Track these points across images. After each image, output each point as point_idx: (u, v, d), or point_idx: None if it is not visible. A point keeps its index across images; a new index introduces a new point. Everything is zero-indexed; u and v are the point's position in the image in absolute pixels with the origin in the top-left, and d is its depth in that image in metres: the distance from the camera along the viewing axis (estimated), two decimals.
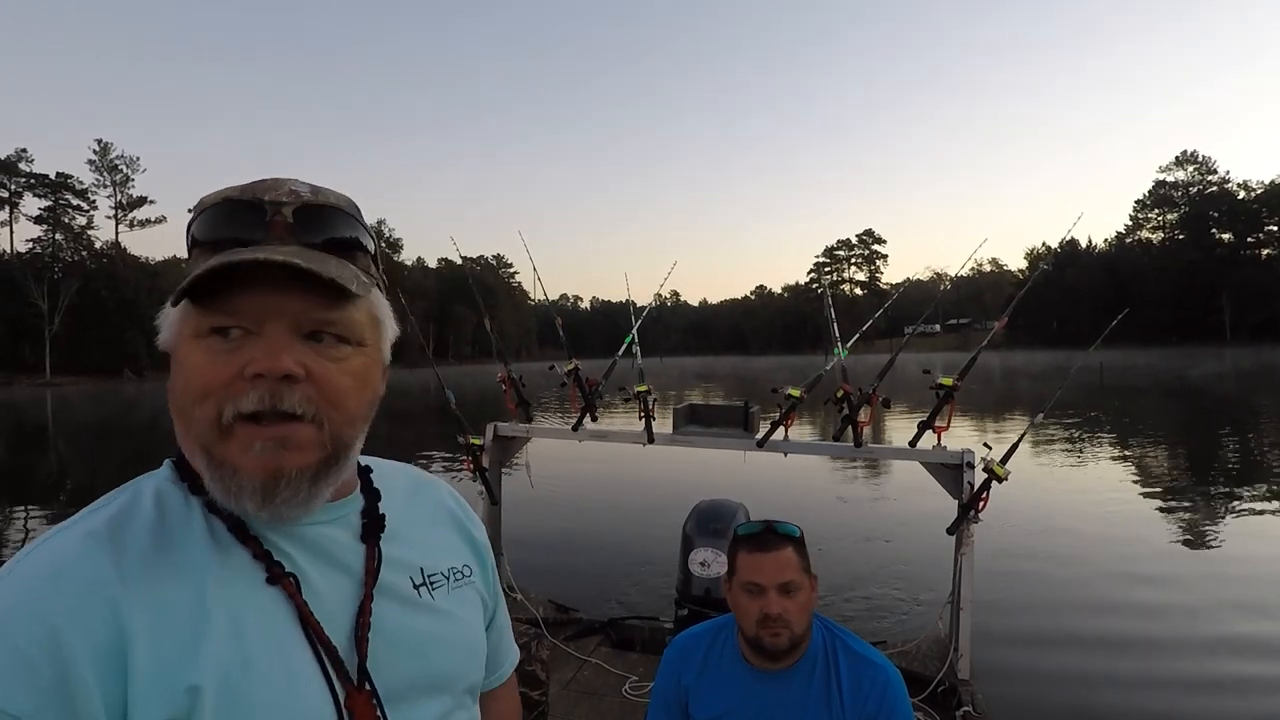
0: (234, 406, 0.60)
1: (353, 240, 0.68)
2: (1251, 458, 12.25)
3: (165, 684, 0.56)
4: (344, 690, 0.63)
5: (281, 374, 0.60)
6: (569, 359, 3.75)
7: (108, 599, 0.56)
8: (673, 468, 9.89)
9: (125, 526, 0.61)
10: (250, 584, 0.63)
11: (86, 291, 67.87)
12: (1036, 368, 42.47)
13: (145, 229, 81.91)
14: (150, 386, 57.72)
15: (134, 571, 0.59)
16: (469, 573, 0.81)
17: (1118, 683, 4.23)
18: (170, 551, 0.61)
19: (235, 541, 0.64)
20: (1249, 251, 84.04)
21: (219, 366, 0.61)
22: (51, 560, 0.58)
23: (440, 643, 0.73)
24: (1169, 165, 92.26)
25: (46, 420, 27.16)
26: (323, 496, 0.66)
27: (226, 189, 0.66)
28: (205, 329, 0.62)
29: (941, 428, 3.21)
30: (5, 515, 9.74)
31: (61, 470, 14.38)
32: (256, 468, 0.61)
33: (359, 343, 0.67)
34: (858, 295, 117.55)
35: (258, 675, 0.59)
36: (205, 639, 0.58)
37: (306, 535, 0.68)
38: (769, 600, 1.53)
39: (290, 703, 0.61)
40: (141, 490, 0.66)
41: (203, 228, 0.65)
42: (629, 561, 6.40)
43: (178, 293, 0.61)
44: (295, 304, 0.62)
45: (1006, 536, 6.83)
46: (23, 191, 73.48)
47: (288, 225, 0.64)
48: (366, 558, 0.71)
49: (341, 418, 0.65)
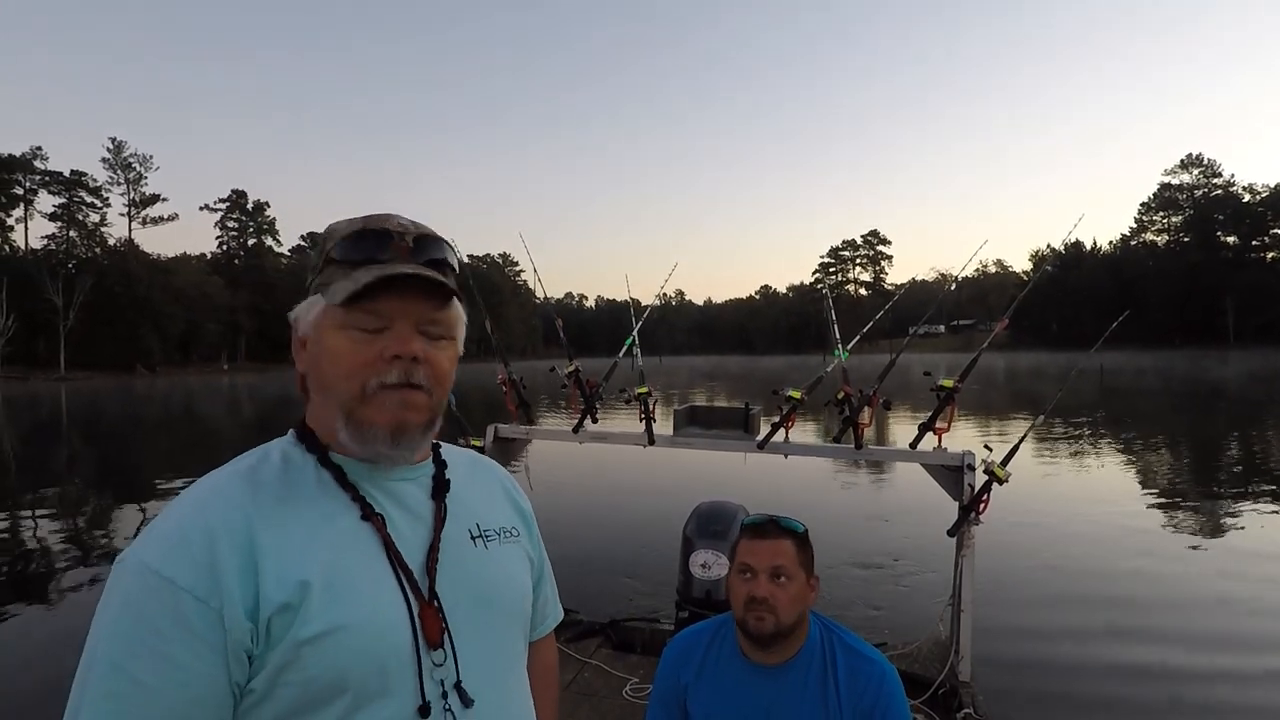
0: (378, 379, 0.82)
1: (449, 262, 0.90)
2: (1254, 459, 12.22)
3: (285, 578, 0.75)
4: (417, 603, 0.81)
5: (413, 356, 0.83)
6: (569, 360, 3.75)
7: (245, 516, 0.77)
8: (673, 469, 9.89)
9: (259, 471, 0.83)
10: (349, 518, 0.83)
11: (100, 288, 68.66)
12: (1039, 369, 42.40)
13: (158, 226, 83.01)
14: (163, 382, 58.10)
15: (266, 501, 0.80)
16: (516, 534, 1.00)
17: (1119, 684, 4.22)
18: (291, 490, 0.82)
19: (339, 488, 0.84)
20: (1253, 255, 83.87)
21: (363, 352, 0.82)
22: (213, 487, 0.81)
23: (492, 579, 0.92)
24: (1174, 168, 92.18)
25: (95, 415, 27.24)
26: (425, 448, 0.93)
27: (352, 220, 0.88)
28: (351, 324, 0.83)
29: (942, 429, 3.19)
30: (106, 504, 9.79)
31: (139, 461, 14.43)
32: (390, 419, 0.83)
33: (451, 338, 0.90)
34: (862, 296, 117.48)
35: (351, 581, 0.78)
36: (314, 552, 0.78)
37: (391, 488, 0.88)
38: (757, 583, 1.56)
39: (375, 605, 0.79)
40: (270, 450, 0.87)
41: (344, 250, 0.85)
42: (629, 563, 6.40)
43: (349, 296, 0.81)
44: (416, 307, 0.85)
45: (1007, 538, 6.82)
46: (37, 189, 74.44)
47: (408, 249, 0.86)
48: (435, 510, 0.90)
49: (441, 391, 0.88)
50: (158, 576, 0.72)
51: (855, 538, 7.25)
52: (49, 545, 8.03)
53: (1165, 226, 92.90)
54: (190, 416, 27.43)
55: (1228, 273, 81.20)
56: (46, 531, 8.71)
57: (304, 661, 0.74)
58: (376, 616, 0.78)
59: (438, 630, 0.81)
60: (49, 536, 8.44)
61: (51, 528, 8.89)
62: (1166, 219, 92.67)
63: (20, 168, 72.41)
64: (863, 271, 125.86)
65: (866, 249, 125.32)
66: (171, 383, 57.20)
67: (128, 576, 0.74)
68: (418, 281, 0.83)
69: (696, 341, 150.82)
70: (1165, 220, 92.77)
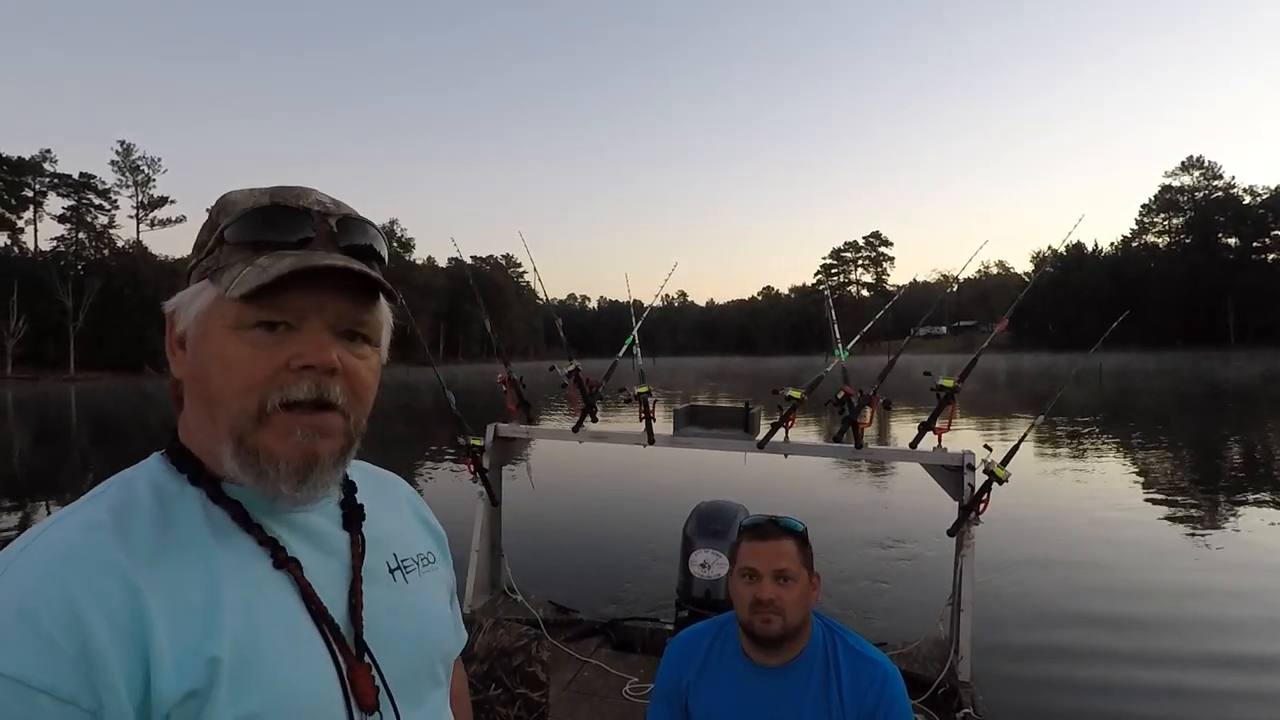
0: (280, 395, 0.64)
1: (377, 250, 0.73)
2: (1256, 460, 12.20)
3: (187, 658, 0.58)
4: (346, 663, 0.67)
5: (329, 367, 0.65)
6: (569, 360, 3.75)
7: (124, 580, 0.58)
8: (673, 469, 9.88)
9: (127, 515, 0.63)
10: (256, 568, 0.66)
11: (109, 289, 68.87)
12: (1040, 370, 42.35)
13: (165, 228, 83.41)
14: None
15: (144, 556, 0.61)
16: (433, 559, 0.86)
17: (1119, 684, 4.21)
18: (176, 538, 0.63)
19: (239, 529, 0.67)
20: (1254, 256, 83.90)
21: (264, 360, 0.64)
22: (64, 544, 0.59)
23: (420, 618, 0.78)
24: (1175, 170, 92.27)
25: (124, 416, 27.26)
26: (338, 481, 0.73)
27: (255, 191, 0.69)
28: (250, 322, 0.65)
29: (942, 429, 3.20)
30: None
31: None
32: (295, 452, 0.65)
33: (376, 343, 0.73)
34: (864, 297, 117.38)
35: (270, 649, 0.63)
36: (220, 617, 0.61)
37: (298, 523, 0.71)
38: (763, 585, 1.56)
39: (300, 673, 0.64)
40: (132, 482, 0.67)
41: (244, 229, 0.67)
42: (629, 563, 6.40)
43: (252, 288, 0.63)
44: (335, 304, 0.67)
45: (1007, 538, 6.81)
46: (46, 191, 74.80)
47: (331, 233, 0.69)
48: (351, 544, 0.74)
49: (361, 410, 0.71)
50: (2, 679, 0.53)
51: (855, 538, 7.25)
52: None
53: (1166, 228, 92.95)
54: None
55: (1228, 274, 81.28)
56: None
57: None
58: (303, 694, 0.63)
59: (372, 693, 0.68)
60: None
61: None
62: (1167, 220, 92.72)
63: (30, 170, 72.74)
64: (865, 273, 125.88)
65: (868, 250, 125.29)
66: None
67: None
68: (342, 275, 0.66)
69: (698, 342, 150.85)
70: (1166, 222, 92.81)
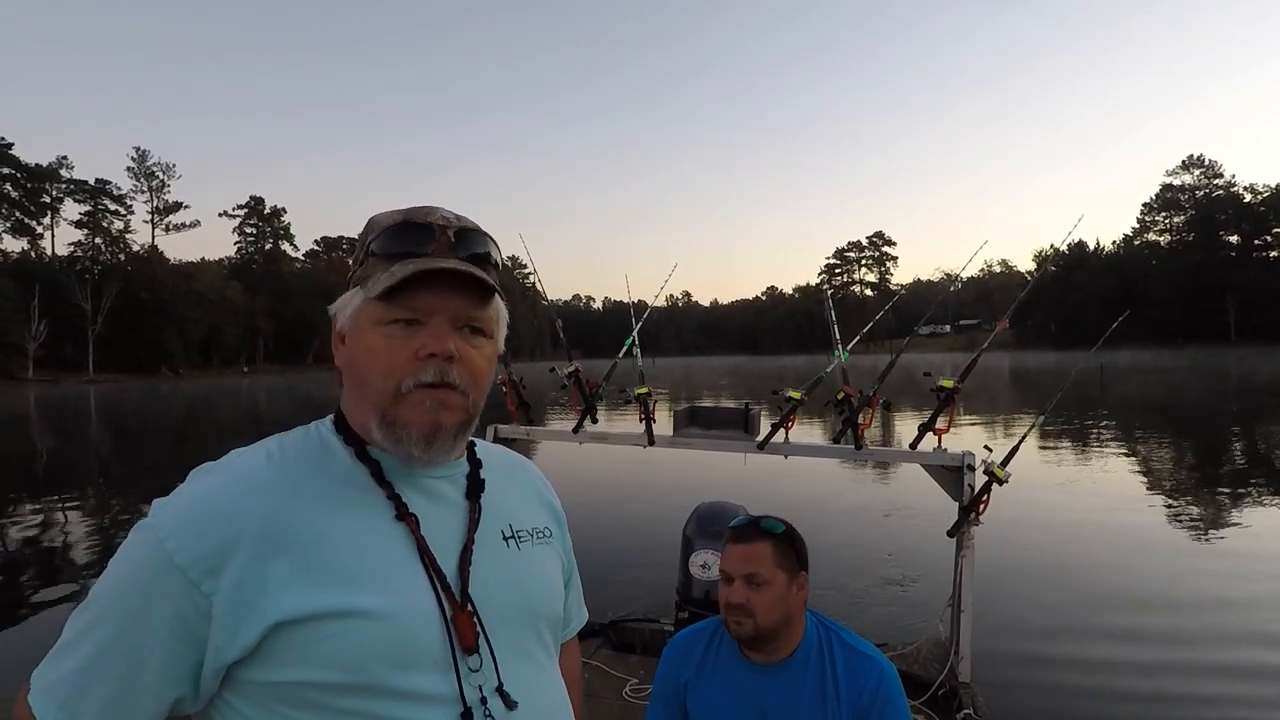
0: (413, 379, 0.80)
1: (491, 257, 0.86)
2: (1258, 459, 12.18)
3: (311, 574, 0.73)
4: (450, 606, 0.79)
5: (448, 355, 0.80)
6: (569, 360, 3.74)
7: (274, 503, 0.75)
8: (673, 470, 9.88)
9: (295, 453, 0.82)
10: (381, 517, 0.81)
11: (126, 293, 70.23)
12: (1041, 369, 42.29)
13: (180, 233, 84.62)
14: (187, 384, 58.88)
15: (297, 488, 0.78)
16: (549, 534, 0.98)
17: (1119, 684, 4.21)
18: (325, 479, 0.81)
19: (374, 484, 0.82)
20: (1255, 254, 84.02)
21: (399, 349, 0.80)
22: (245, 465, 0.80)
23: (527, 581, 0.90)
24: (1176, 169, 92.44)
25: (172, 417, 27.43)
26: (461, 448, 0.89)
27: (394, 212, 0.85)
28: (388, 319, 0.81)
29: (942, 429, 3.18)
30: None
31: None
32: (425, 421, 0.81)
33: (490, 335, 0.87)
34: (868, 296, 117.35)
35: (382, 582, 0.76)
36: (345, 550, 0.76)
37: (426, 486, 0.86)
38: (733, 589, 1.59)
39: (406, 609, 0.76)
40: (310, 430, 0.87)
41: (385, 243, 0.82)
42: (629, 563, 6.38)
43: (383, 289, 0.79)
44: (455, 303, 0.82)
45: (1008, 539, 6.80)
46: (63, 197, 76.16)
47: (450, 243, 0.83)
48: (469, 510, 0.88)
49: (478, 391, 0.85)
50: (161, 547, 0.71)
51: (855, 538, 7.24)
52: (76, 539, 8.25)
53: (1167, 226, 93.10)
54: (211, 416, 27.93)
55: (1229, 272, 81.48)
56: (75, 526, 9.00)
57: (314, 639, 0.72)
58: (404, 609, 0.76)
59: (472, 634, 0.79)
60: (75, 530, 8.69)
61: (84, 523, 9.19)
62: (1169, 219, 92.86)
63: (47, 177, 74.01)
64: (868, 272, 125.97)
65: (872, 249, 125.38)
66: (195, 385, 58.32)
67: (135, 536, 0.74)
68: (457, 277, 0.81)
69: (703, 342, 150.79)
70: (1167, 220, 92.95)
